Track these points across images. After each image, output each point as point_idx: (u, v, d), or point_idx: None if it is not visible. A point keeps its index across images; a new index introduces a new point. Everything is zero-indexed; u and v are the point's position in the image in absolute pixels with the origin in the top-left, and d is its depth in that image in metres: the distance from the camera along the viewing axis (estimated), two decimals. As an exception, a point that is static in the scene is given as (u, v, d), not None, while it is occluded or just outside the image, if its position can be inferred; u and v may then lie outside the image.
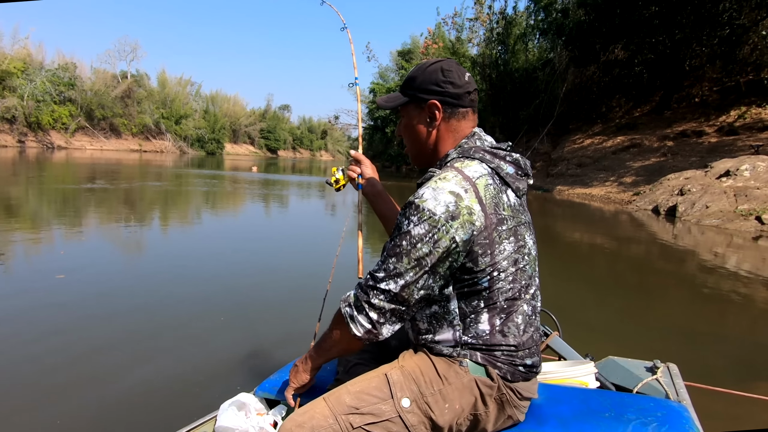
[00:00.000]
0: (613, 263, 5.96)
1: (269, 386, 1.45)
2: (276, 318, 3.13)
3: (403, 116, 1.17)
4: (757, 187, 9.47)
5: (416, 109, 1.13)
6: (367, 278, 1.03)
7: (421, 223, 0.96)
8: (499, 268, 1.02)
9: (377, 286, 1.00)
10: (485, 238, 0.99)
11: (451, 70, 1.10)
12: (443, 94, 1.09)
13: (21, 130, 35.34)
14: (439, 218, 0.95)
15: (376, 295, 1.00)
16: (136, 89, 48.08)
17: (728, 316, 3.83)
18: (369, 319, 1.01)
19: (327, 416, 0.99)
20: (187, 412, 1.61)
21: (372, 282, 1.01)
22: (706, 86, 18.12)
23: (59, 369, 2.25)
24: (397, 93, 1.18)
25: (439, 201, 0.97)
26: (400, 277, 0.98)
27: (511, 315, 1.04)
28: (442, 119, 1.11)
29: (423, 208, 0.96)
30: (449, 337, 1.05)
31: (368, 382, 1.05)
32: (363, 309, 1.01)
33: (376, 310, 1.00)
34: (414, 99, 1.12)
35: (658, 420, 1.10)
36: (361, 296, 1.02)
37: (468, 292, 1.02)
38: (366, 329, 1.02)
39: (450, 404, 1.02)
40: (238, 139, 67.48)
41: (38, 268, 4.04)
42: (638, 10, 17.10)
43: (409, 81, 1.13)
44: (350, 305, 1.04)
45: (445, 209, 0.96)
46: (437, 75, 1.09)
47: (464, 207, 0.97)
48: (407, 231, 0.97)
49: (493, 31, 25.55)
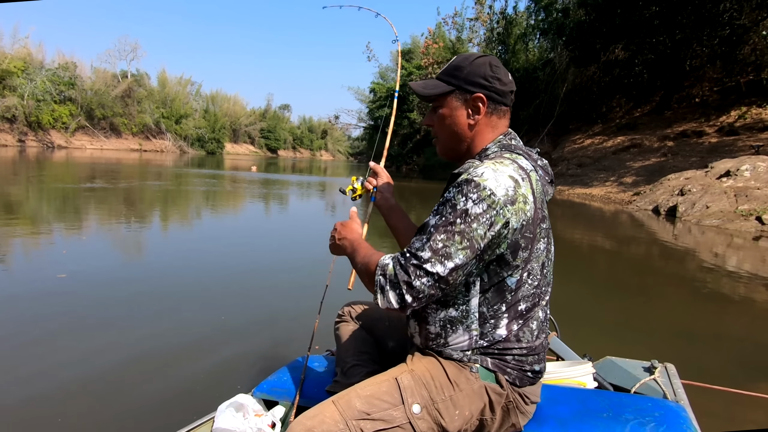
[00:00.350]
0: (612, 263, 5.96)
1: (267, 387, 1.45)
2: (274, 319, 3.12)
3: (441, 106, 1.11)
4: (757, 188, 9.46)
5: (458, 100, 1.08)
6: (409, 256, 0.95)
7: (480, 202, 0.91)
8: (529, 269, 1.00)
9: (423, 266, 0.92)
10: (530, 232, 0.98)
11: (499, 66, 1.09)
12: (490, 89, 1.06)
13: (21, 130, 35.32)
14: (499, 200, 0.92)
15: (419, 276, 0.92)
16: (136, 89, 48.03)
17: (728, 316, 3.82)
18: (401, 300, 0.95)
19: (337, 421, 0.96)
20: (185, 413, 1.61)
21: (416, 261, 0.93)
22: (707, 86, 18.12)
23: (59, 369, 2.25)
24: (434, 81, 1.12)
25: (500, 183, 0.94)
26: (449, 259, 0.91)
27: (528, 321, 1.03)
28: (484, 113, 1.08)
29: (484, 186, 0.92)
30: (463, 341, 1.03)
31: (378, 386, 1.03)
32: (399, 287, 0.94)
33: (414, 293, 0.93)
34: (459, 89, 1.08)
35: (656, 420, 1.10)
36: (401, 275, 0.94)
37: (493, 294, 1.00)
38: (392, 306, 0.96)
39: (460, 411, 1.01)
40: (238, 139, 67.45)
41: (39, 268, 4.04)
42: (639, 10, 17.09)
43: (454, 70, 1.08)
44: (385, 277, 0.97)
45: (505, 192, 0.93)
46: (486, 69, 1.07)
47: (521, 194, 0.95)
48: (464, 209, 0.92)
49: (493, 31, 25.56)
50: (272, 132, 73.67)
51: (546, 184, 1.08)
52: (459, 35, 29.07)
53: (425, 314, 1.06)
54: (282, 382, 1.44)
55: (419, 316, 1.09)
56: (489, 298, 1.00)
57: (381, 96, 35.66)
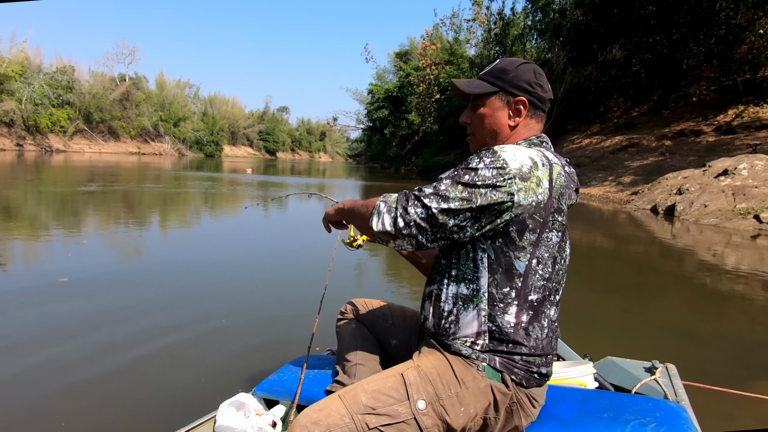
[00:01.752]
0: (612, 263, 5.97)
1: (268, 386, 1.45)
2: (275, 318, 3.12)
3: (482, 105, 1.15)
4: (755, 186, 9.49)
5: (501, 101, 1.12)
6: (412, 190, 1.03)
7: (490, 167, 0.97)
8: (539, 256, 1.02)
9: (420, 197, 0.99)
10: (540, 216, 1.00)
11: (542, 75, 1.14)
12: (533, 94, 1.11)
13: (19, 134, 35.28)
14: (510, 170, 0.96)
15: (415, 205, 0.99)
16: (134, 92, 48.02)
17: (727, 315, 3.83)
18: (393, 223, 1.02)
19: (343, 415, 0.98)
20: (187, 412, 1.60)
21: (417, 192, 1.01)
22: (704, 85, 18.17)
23: (59, 370, 2.25)
24: (478, 81, 1.16)
25: (517, 158, 0.99)
26: (445, 201, 0.97)
27: (539, 316, 1.04)
28: (524, 116, 1.12)
29: (500, 156, 0.98)
30: (473, 321, 1.04)
31: (384, 382, 1.04)
32: (394, 211, 1.02)
33: (406, 219, 1.00)
34: (503, 91, 1.12)
35: (657, 420, 1.10)
36: (401, 200, 1.02)
37: (501, 276, 1.01)
38: (383, 230, 1.03)
39: (465, 408, 1.01)
40: (236, 141, 67.48)
41: (41, 271, 4.04)
42: (635, 10, 17.15)
43: (499, 73, 1.13)
44: (386, 203, 1.04)
45: (519, 167, 0.97)
46: (530, 75, 1.11)
47: (535, 176, 0.99)
48: (474, 167, 0.98)
49: (490, 32, 25.62)
50: (271, 134, 73.73)
51: (571, 189, 1.10)
52: (456, 36, 29.17)
53: (438, 291, 1.09)
54: (283, 381, 1.45)
55: (433, 294, 1.11)
56: (498, 279, 1.01)
57: (379, 98, 35.72)
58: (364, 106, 33.37)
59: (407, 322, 1.40)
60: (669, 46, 17.59)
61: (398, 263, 4.88)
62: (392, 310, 1.45)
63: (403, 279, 4.35)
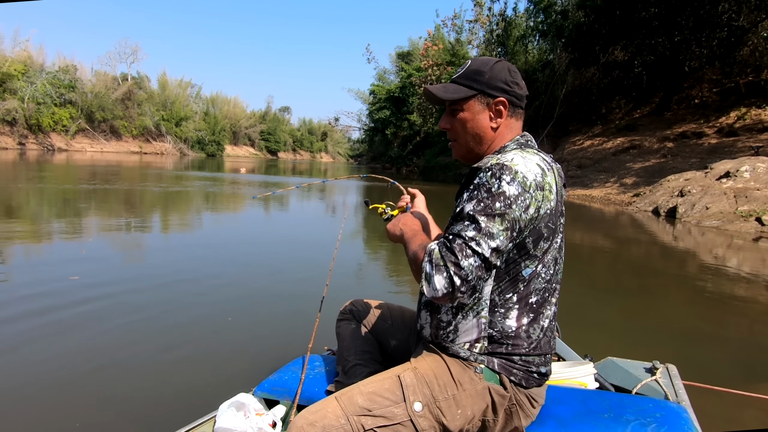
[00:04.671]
0: (613, 264, 5.96)
1: (268, 386, 1.46)
2: (275, 318, 3.12)
3: (461, 109, 1.11)
4: (757, 189, 9.47)
5: (480, 104, 1.09)
6: (452, 237, 0.91)
7: (513, 183, 0.93)
8: (545, 261, 1.01)
9: (468, 244, 0.89)
10: (552, 223, 0.99)
11: (517, 72, 1.12)
12: (511, 93, 1.09)
13: (21, 132, 35.34)
14: (531, 183, 0.94)
15: (467, 256, 0.88)
16: (136, 91, 48.08)
17: (728, 316, 3.82)
18: (449, 284, 0.88)
19: (339, 416, 0.98)
20: (187, 412, 1.60)
21: (461, 240, 0.89)
22: (706, 87, 18.15)
23: (60, 369, 2.25)
24: (453, 85, 1.11)
25: (530, 168, 0.96)
26: (492, 239, 0.89)
27: (539, 317, 1.04)
28: (506, 117, 1.10)
29: (515, 170, 0.94)
30: (472, 329, 1.03)
31: (381, 384, 1.04)
32: (446, 270, 0.89)
33: (462, 275, 0.88)
34: (481, 93, 1.09)
35: (657, 421, 1.09)
36: (447, 255, 0.89)
37: (506, 283, 1.00)
38: (442, 293, 0.89)
39: (462, 410, 1.01)
40: (238, 141, 67.50)
41: (52, 270, 4.04)
42: (638, 12, 17.13)
43: (474, 75, 1.09)
44: (431, 262, 0.91)
45: (535, 177, 0.96)
46: (506, 74, 1.09)
47: (547, 183, 0.98)
48: (500, 191, 0.92)
49: (492, 33, 25.61)
50: (272, 134, 73.74)
51: (562, 187, 1.10)
52: (458, 37, 29.14)
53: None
54: (283, 381, 1.45)
55: (432, 305, 1.09)
56: (502, 286, 1.01)
57: (381, 98, 35.71)
58: (366, 105, 33.33)
59: (407, 322, 1.41)
60: (671, 48, 17.56)
61: (398, 263, 4.89)
62: (392, 311, 1.45)
63: (403, 279, 4.34)
